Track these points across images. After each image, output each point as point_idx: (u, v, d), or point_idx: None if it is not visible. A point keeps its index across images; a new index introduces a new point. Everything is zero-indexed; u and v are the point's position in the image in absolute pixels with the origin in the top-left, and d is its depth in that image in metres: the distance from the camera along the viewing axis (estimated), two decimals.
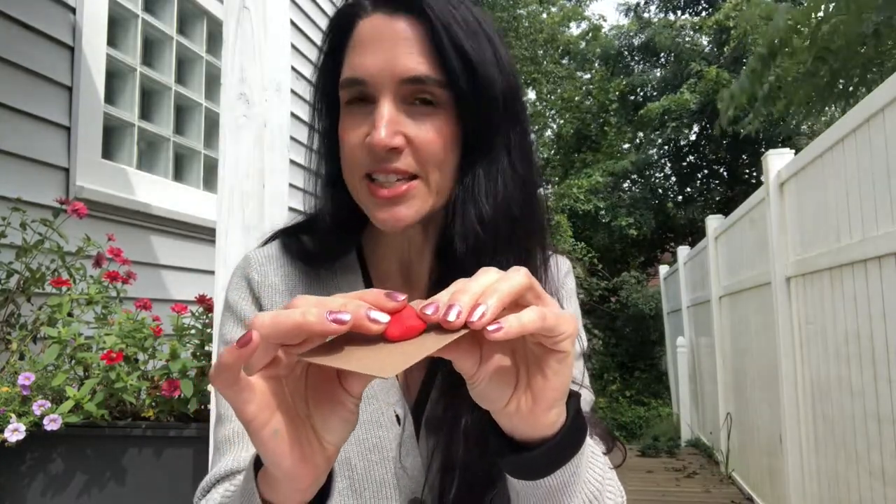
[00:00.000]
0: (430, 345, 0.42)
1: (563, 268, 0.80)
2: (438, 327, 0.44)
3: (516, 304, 0.46)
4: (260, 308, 0.74)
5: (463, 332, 0.43)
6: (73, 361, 1.59)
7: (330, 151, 0.74)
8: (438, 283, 0.72)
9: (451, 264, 0.69)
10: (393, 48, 0.64)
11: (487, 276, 0.47)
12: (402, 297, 0.45)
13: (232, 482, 0.64)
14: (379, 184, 0.66)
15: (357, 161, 0.67)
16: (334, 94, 0.71)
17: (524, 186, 0.69)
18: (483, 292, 0.45)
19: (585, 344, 0.78)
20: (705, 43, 12.20)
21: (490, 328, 0.43)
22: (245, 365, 0.42)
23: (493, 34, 0.68)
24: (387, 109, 0.64)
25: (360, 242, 0.78)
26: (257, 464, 0.51)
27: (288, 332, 0.41)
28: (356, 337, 0.44)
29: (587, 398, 0.75)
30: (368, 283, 0.77)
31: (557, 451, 0.53)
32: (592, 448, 0.60)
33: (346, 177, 0.70)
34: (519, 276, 0.46)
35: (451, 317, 0.43)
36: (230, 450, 0.68)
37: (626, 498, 0.65)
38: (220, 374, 0.42)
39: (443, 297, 0.45)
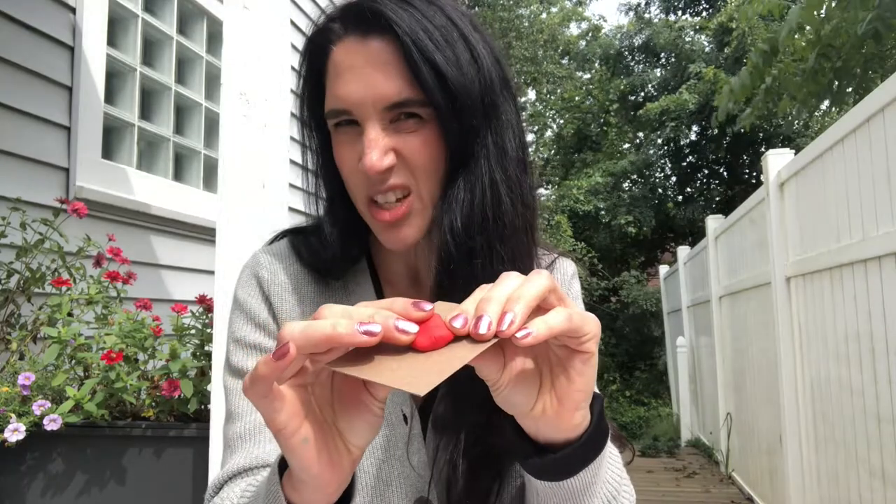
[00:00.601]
0: (461, 356, 0.42)
1: (568, 271, 0.81)
2: (467, 336, 0.44)
3: (538, 307, 0.46)
4: (270, 306, 0.75)
5: (493, 341, 0.43)
6: (73, 361, 1.59)
7: (327, 171, 0.74)
8: (440, 284, 0.72)
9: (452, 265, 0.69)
10: (370, 74, 0.64)
11: (510, 282, 0.47)
12: (429, 306, 0.45)
13: (249, 481, 0.64)
14: (380, 207, 0.67)
15: (356, 186, 0.68)
16: (321, 118, 0.71)
17: (499, 189, 0.67)
18: (509, 299, 0.45)
19: None
20: (705, 44, 12.20)
21: (518, 335, 0.43)
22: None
23: (470, 31, 0.67)
24: (373, 134, 0.65)
25: (368, 246, 0.79)
26: (281, 465, 0.51)
27: (318, 343, 0.42)
28: (383, 344, 0.43)
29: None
30: (377, 284, 0.77)
31: (582, 452, 0.53)
32: (611, 448, 0.61)
33: (352, 199, 0.71)
34: (541, 278, 0.46)
35: (482, 329, 0.43)
36: (242, 447, 0.69)
37: (635, 498, 0.65)
38: (254, 386, 0.42)
39: (468, 306, 0.46)
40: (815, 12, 4.01)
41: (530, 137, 14.75)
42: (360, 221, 0.73)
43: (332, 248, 0.74)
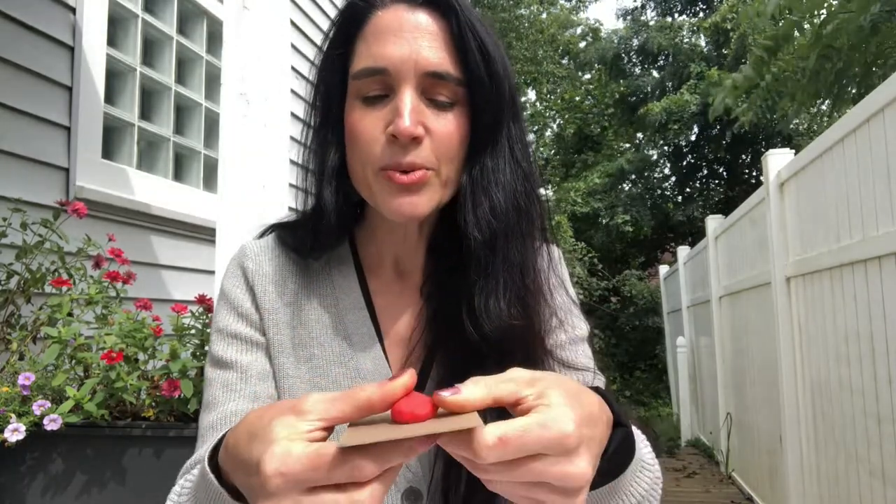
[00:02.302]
0: (437, 426, 0.41)
1: (554, 255, 0.81)
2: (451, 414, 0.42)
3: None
4: (253, 296, 0.75)
5: (471, 418, 0.41)
6: (73, 361, 1.59)
7: (331, 145, 0.73)
8: (431, 278, 0.73)
9: (442, 259, 0.71)
10: (417, 40, 0.65)
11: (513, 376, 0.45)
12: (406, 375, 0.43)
13: (187, 477, 0.64)
14: (395, 171, 0.66)
15: (373, 154, 0.66)
16: (338, 86, 0.71)
17: (526, 178, 0.70)
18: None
19: (586, 327, 0.79)
20: (703, 44, 12.20)
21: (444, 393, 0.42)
22: None
23: (495, 33, 0.70)
24: (410, 98, 0.64)
25: (352, 234, 0.79)
26: (212, 457, 0.52)
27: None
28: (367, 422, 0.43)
29: (596, 382, 0.75)
30: (361, 276, 0.77)
31: (597, 483, 0.53)
32: (644, 463, 0.59)
33: (357, 170, 0.69)
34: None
35: (444, 393, 0.42)
36: (211, 436, 0.69)
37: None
38: None
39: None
40: (815, 11, 4.01)
41: (530, 137, 14.71)
42: (348, 209, 0.73)
43: (316, 226, 0.73)
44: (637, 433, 0.59)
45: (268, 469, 0.40)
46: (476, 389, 0.42)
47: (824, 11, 4.13)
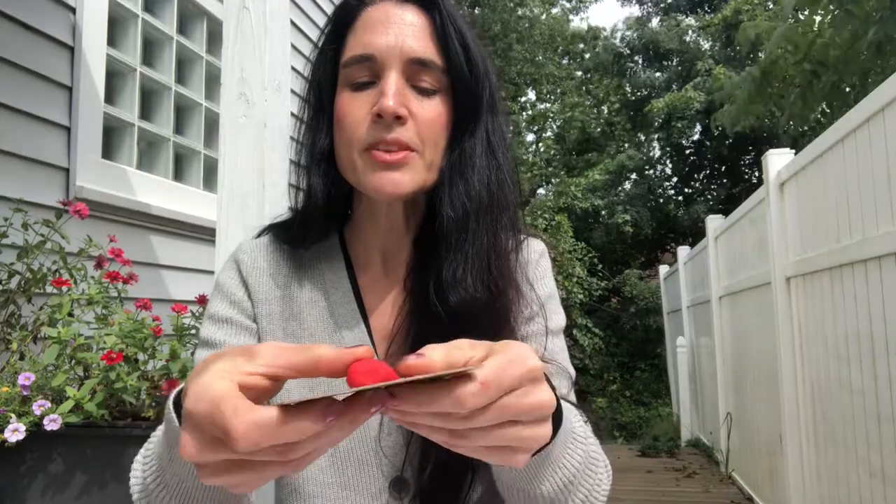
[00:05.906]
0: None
1: (536, 249, 0.83)
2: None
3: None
4: (246, 287, 0.78)
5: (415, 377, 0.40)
6: (73, 361, 1.59)
7: (321, 132, 0.77)
8: (414, 271, 0.76)
9: (428, 249, 0.73)
10: (402, 30, 0.70)
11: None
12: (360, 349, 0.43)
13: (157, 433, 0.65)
14: (379, 150, 0.70)
15: (359, 136, 0.70)
16: (330, 79, 0.76)
17: (500, 169, 0.74)
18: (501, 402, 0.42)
19: (564, 320, 0.81)
20: (710, 41, 12.17)
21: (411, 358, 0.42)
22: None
23: (476, 30, 0.76)
24: (394, 81, 0.69)
25: (342, 229, 0.83)
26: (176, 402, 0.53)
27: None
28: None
29: (567, 373, 0.77)
30: (350, 269, 0.80)
31: None
32: (575, 435, 0.60)
33: (343, 153, 0.73)
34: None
35: (410, 359, 0.41)
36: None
37: (606, 480, 0.65)
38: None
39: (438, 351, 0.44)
40: (805, 29, 4.03)
41: (530, 137, 14.75)
42: (338, 199, 0.77)
43: (306, 217, 0.76)
44: (567, 406, 0.60)
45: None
46: (438, 354, 0.42)
47: (816, 27, 4.14)
